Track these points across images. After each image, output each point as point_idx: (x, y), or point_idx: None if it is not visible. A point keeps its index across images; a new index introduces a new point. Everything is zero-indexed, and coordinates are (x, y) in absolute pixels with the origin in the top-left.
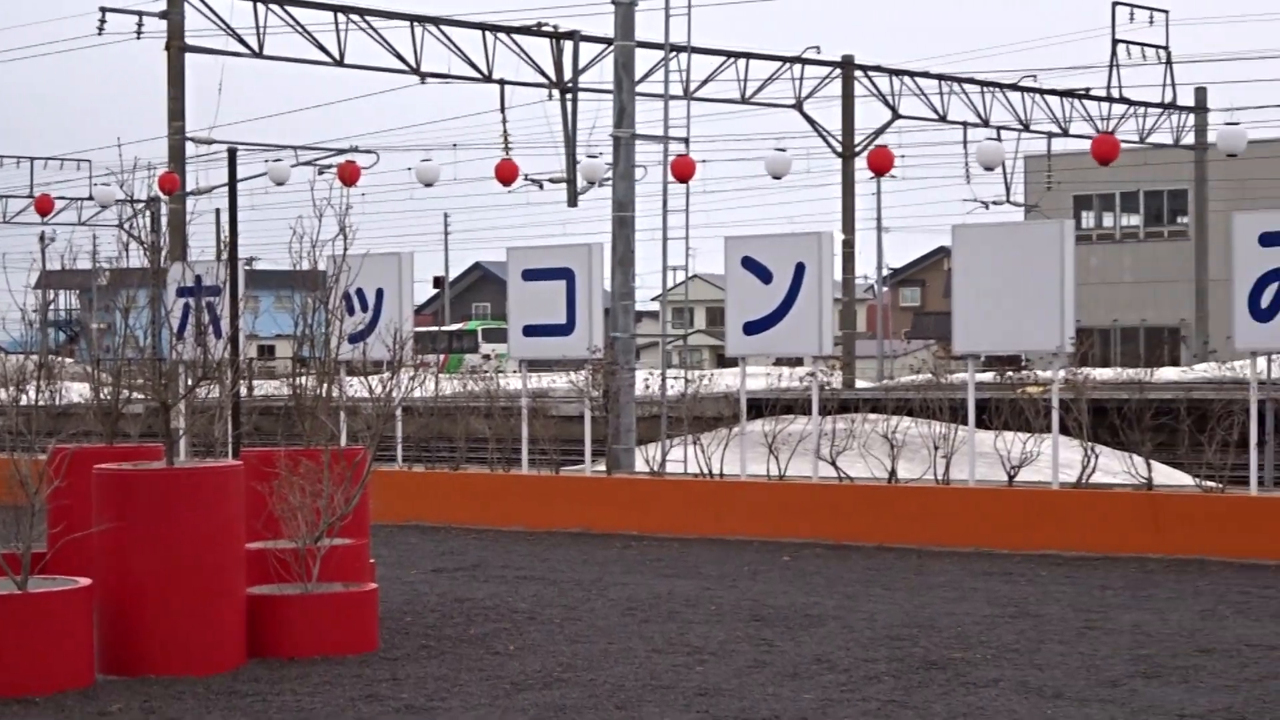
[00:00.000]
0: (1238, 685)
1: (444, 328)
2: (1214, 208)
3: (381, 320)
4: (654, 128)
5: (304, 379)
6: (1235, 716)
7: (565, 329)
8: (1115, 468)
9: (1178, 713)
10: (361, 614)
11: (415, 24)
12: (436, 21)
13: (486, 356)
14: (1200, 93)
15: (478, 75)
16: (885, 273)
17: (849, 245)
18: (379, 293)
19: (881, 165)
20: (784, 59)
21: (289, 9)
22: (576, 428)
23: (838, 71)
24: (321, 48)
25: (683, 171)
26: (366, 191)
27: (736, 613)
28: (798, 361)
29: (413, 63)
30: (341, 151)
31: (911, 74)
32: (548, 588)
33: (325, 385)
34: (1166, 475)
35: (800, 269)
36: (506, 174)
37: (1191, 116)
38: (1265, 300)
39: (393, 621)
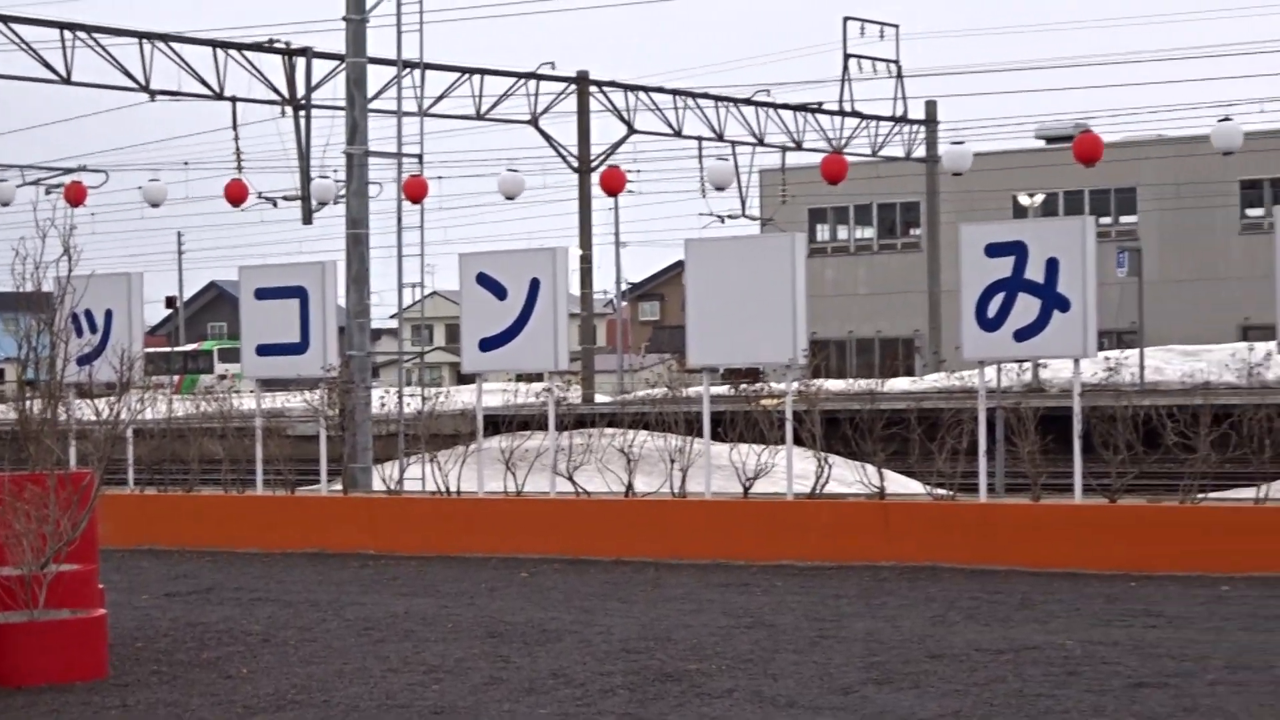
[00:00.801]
0: (966, 690)
1: (178, 348)
2: (945, 219)
3: (110, 341)
4: (389, 144)
5: (29, 402)
6: (955, 715)
7: (299, 348)
8: (849, 477)
9: (908, 718)
10: (90, 640)
11: (144, 41)
12: (166, 38)
13: (222, 376)
14: (930, 106)
15: (209, 93)
16: (624, 287)
17: (586, 260)
18: (108, 314)
19: (613, 185)
20: (519, 75)
21: (13, 26)
22: (313, 447)
23: (573, 87)
24: (48, 65)
25: (416, 189)
26: (96, 211)
27: (473, 630)
28: (538, 377)
29: (142, 80)
30: (69, 171)
31: (647, 89)
32: (282, 609)
33: (51, 408)
34: (899, 484)
35: (535, 285)
36: (236, 194)
37: (922, 130)
38: (992, 310)
39: (123, 648)
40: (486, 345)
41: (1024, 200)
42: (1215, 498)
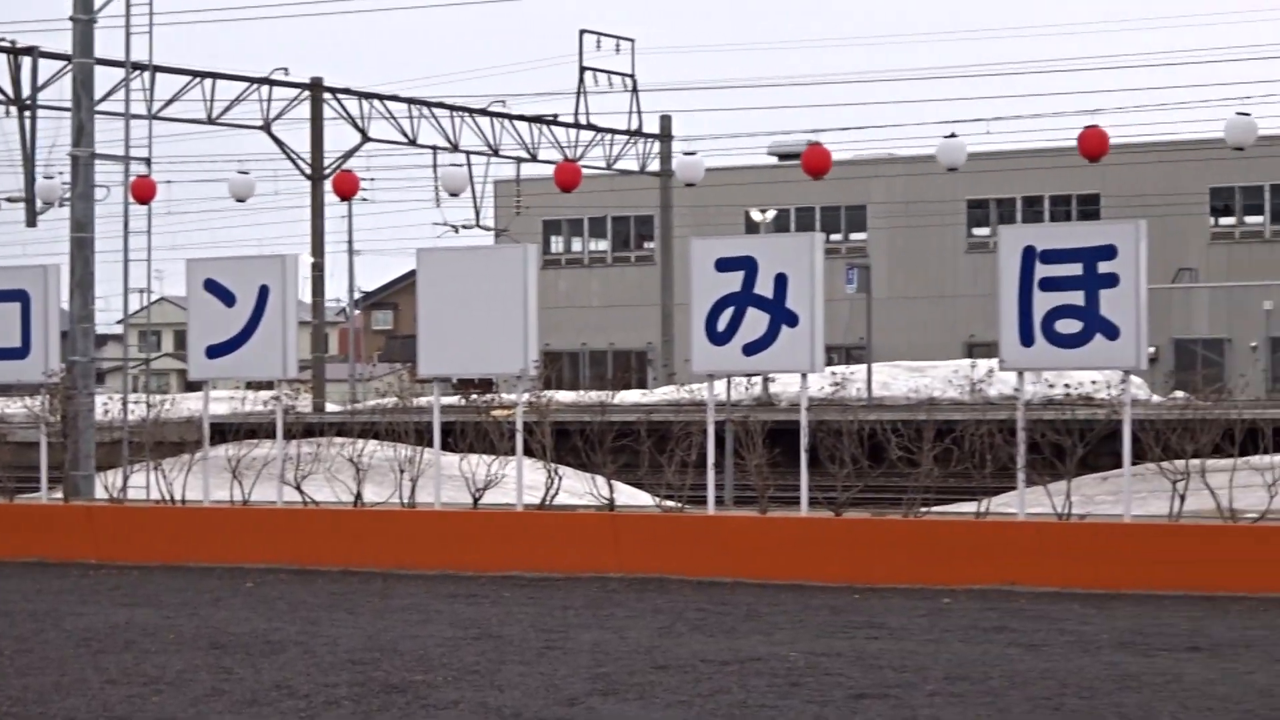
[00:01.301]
0: (691, 701)
1: None
2: (679, 233)
3: None
4: (116, 147)
5: None
6: None
7: (20, 352)
8: (579, 489)
9: None
10: None
11: None
12: None
13: None
14: (665, 120)
15: None
16: (357, 295)
17: (319, 268)
18: None
19: (346, 190)
20: (252, 80)
21: None
22: (34, 454)
23: (307, 93)
24: None
25: (143, 193)
26: None
27: (196, 641)
28: (268, 385)
29: None
30: None
31: (381, 97)
32: None
33: None
34: (629, 496)
35: (265, 291)
36: None
37: (657, 144)
38: (722, 324)
39: None
40: (214, 352)
41: (756, 216)
42: (938, 511)
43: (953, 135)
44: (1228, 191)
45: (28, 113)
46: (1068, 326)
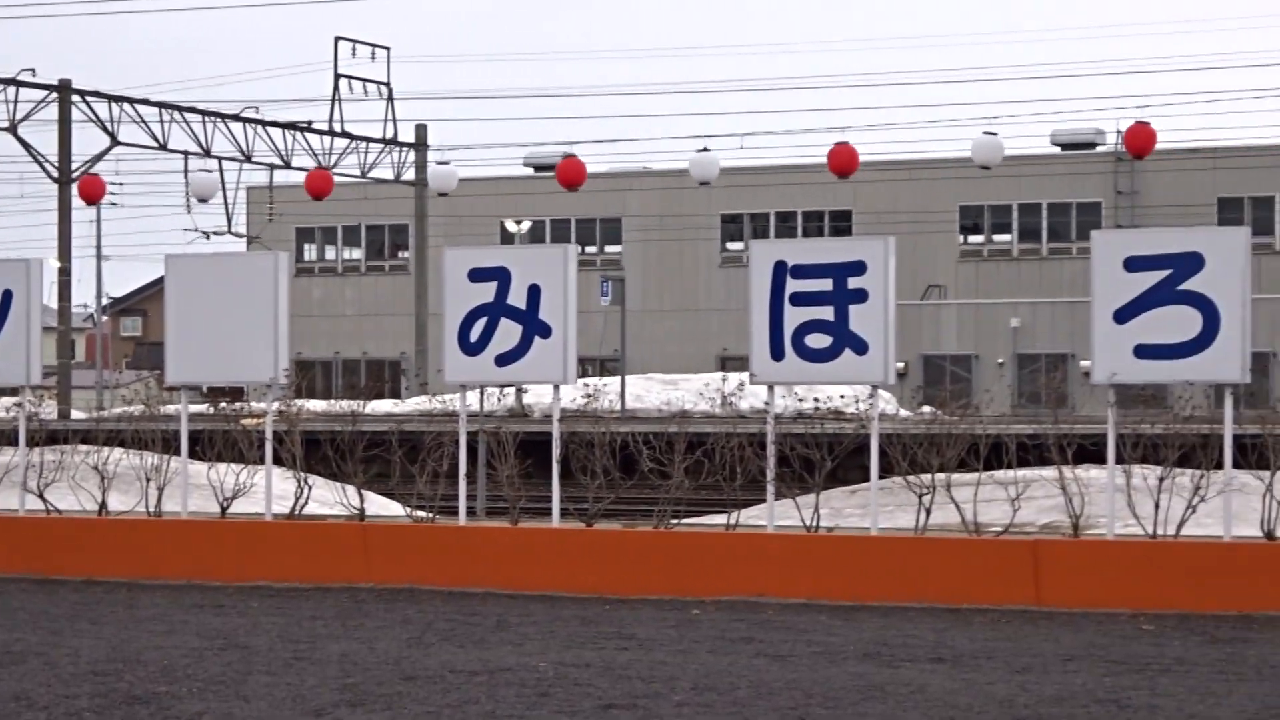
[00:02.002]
0: (439, 711)
1: None
2: (434, 243)
3: None
4: None
5: None
6: None
7: None
8: (329, 498)
9: None
10: None
11: None
12: None
13: None
14: (420, 129)
15: None
16: (105, 301)
17: (65, 272)
18: None
19: (92, 194)
20: None
21: None
22: None
23: (54, 95)
24: None
25: None
26: None
27: None
28: (11, 391)
29: None
30: None
31: (132, 100)
32: None
33: None
34: (380, 505)
35: (8, 296)
36: None
37: (412, 152)
38: (474, 335)
39: None
40: None
41: (511, 227)
42: (689, 523)
43: (705, 150)
44: (976, 210)
45: None
46: (818, 341)
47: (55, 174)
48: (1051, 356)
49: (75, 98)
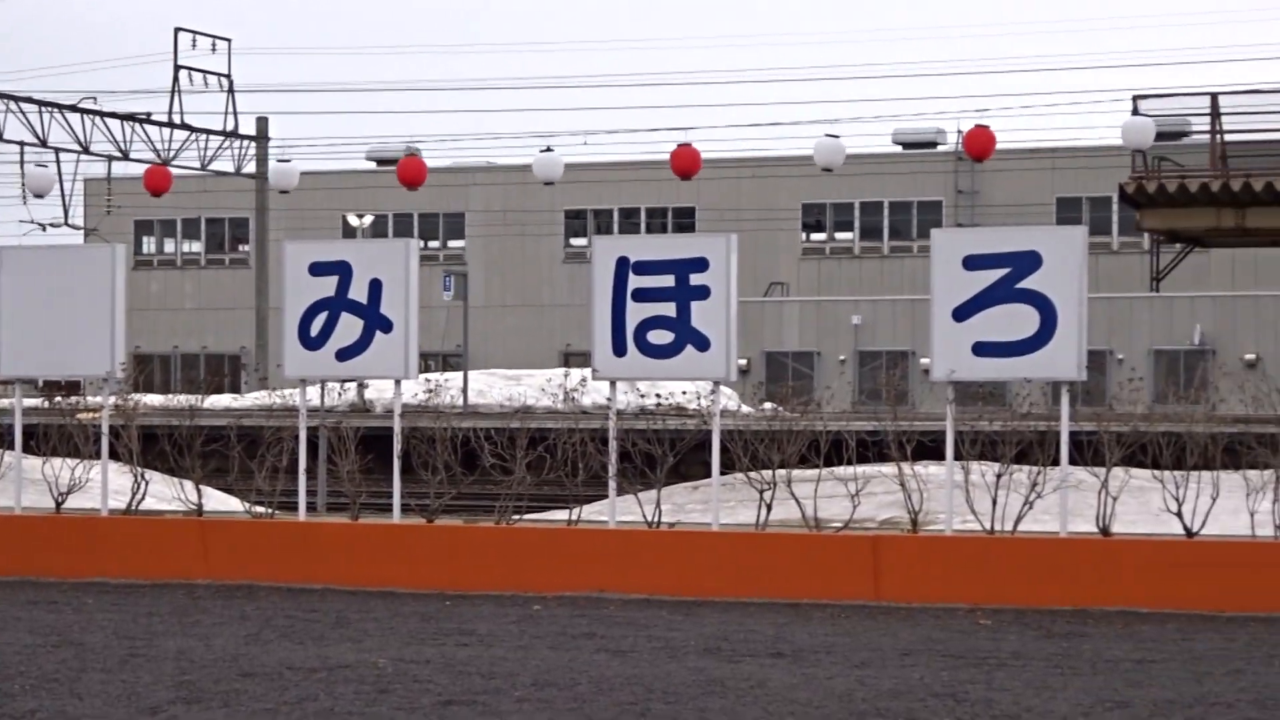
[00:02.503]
0: (278, 708)
1: None
2: (275, 236)
3: None
4: None
5: None
6: None
7: None
8: (167, 494)
9: None
10: None
11: None
12: None
13: None
14: (262, 122)
15: None
16: None
17: None
18: None
19: None
20: None
21: None
22: None
23: None
24: None
25: None
26: None
27: None
28: None
29: None
30: None
31: None
32: None
33: None
34: (219, 501)
35: None
36: None
37: (253, 145)
38: (315, 329)
39: None
40: None
41: (354, 220)
42: (530, 519)
43: (548, 149)
44: (819, 208)
45: None
46: (660, 337)
47: None
48: (892, 354)
49: None
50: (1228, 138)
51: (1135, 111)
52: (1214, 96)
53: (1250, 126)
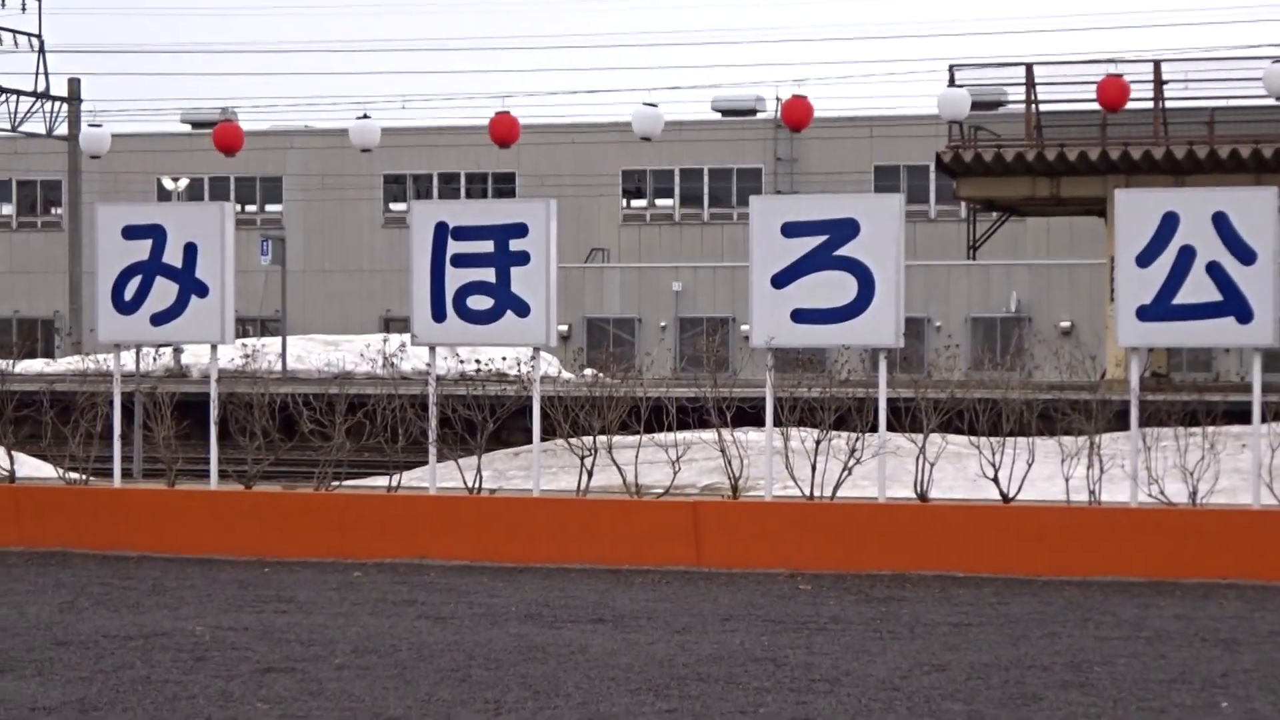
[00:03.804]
0: (93, 677)
1: None
2: (88, 199)
3: None
4: None
5: None
6: (89, 707)
7: None
8: None
9: (30, 706)
10: None
11: None
12: None
13: None
14: (74, 84)
15: None
16: None
17: None
18: None
19: None
20: None
21: None
22: None
23: None
24: None
25: None
26: None
27: None
28: None
29: None
30: None
31: None
32: None
33: None
34: (32, 468)
35: None
36: None
37: (65, 107)
38: (129, 293)
39: None
40: None
41: (169, 184)
42: (350, 485)
43: (365, 116)
44: (639, 174)
45: None
46: (480, 303)
47: None
48: (713, 320)
49: None
50: (1043, 108)
51: (952, 81)
52: (1029, 67)
53: (1065, 96)
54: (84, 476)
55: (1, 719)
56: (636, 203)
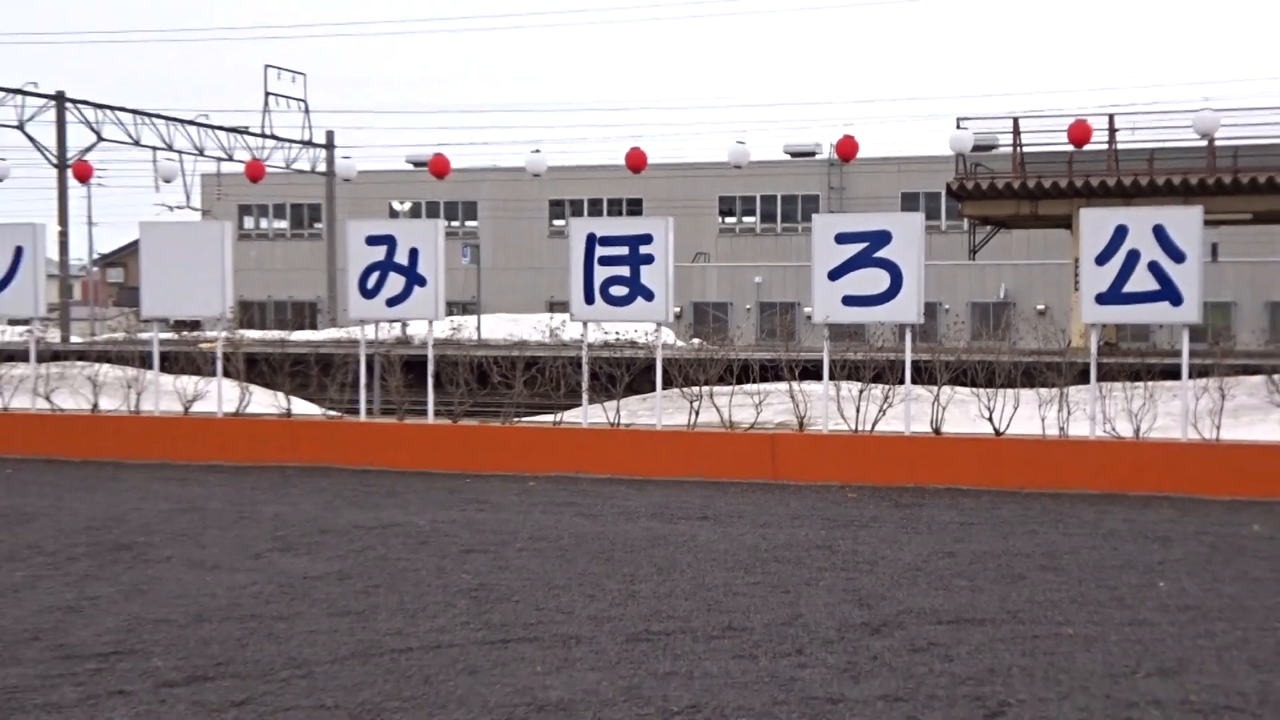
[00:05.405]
0: (346, 554)
1: None
2: (340, 217)
3: None
4: None
5: None
6: (343, 576)
7: None
8: (265, 401)
9: (303, 575)
10: None
11: None
12: None
13: None
14: (329, 134)
15: None
16: (95, 256)
17: (63, 235)
18: None
19: (83, 176)
20: (7, 90)
21: None
22: None
23: (52, 103)
24: None
25: None
26: None
27: None
28: (26, 321)
29: None
30: None
31: (112, 108)
32: None
33: None
34: (302, 407)
35: (19, 251)
36: None
37: (323, 151)
38: (370, 283)
39: None
40: None
41: (397, 206)
42: (526, 421)
43: (537, 151)
44: (731, 199)
45: None
46: (618, 291)
47: (54, 161)
48: (784, 304)
49: (69, 104)
50: (1025, 150)
51: (959, 127)
52: (1015, 120)
53: (1041, 142)
54: (339, 414)
55: (283, 584)
56: (729, 220)
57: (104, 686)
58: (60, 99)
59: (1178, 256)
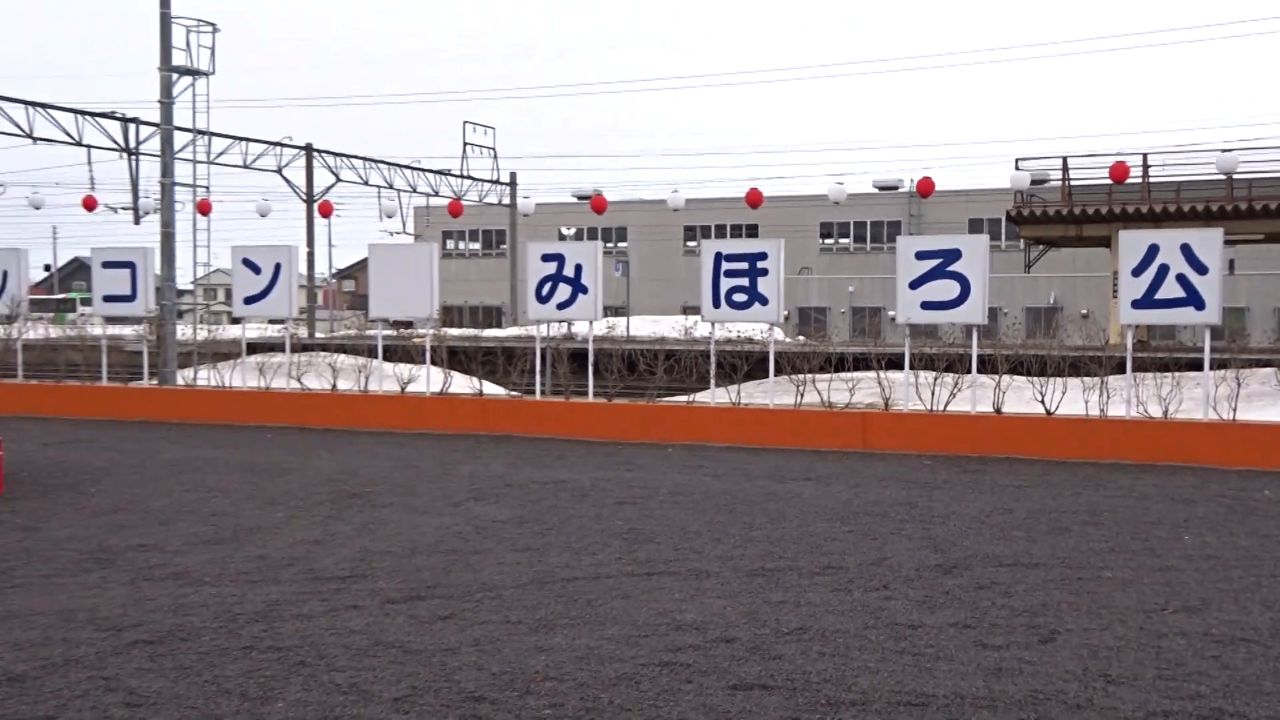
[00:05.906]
0: (525, 503)
1: (53, 296)
2: (521, 239)
3: (6, 292)
4: (189, 179)
5: None
6: (523, 520)
7: (130, 298)
8: (463, 383)
9: (492, 520)
10: None
11: (29, 106)
12: (42, 105)
13: (81, 315)
14: (513, 175)
15: (71, 140)
16: (334, 270)
17: (311, 255)
18: (3, 274)
19: (325, 210)
20: (269, 142)
21: None
22: (141, 358)
23: (303, 152)
24: None
25: (205, 207)
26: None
27: (236, 468)
28: (282, 321)
29: (27, 129)
30: None
31: (348, 156)
32: (119, 455)
33: None
34: (491, 389)
35: (278, 266)
36: (88, 204)
37: (508, 189)
38: (544, 292)
39: (13, 477)
40: (248, 301)
41: (565, 231)
42: (666, 400)
43: (676, 191)
44: (829, 225)
45: (134, 156)
46: (739, 297)
47: (304, 197)
48: (872, 308)
49: (315, 153)
50: (1072, 183)
51: (1017, 167)
52: (1064, 159)
53: (1086, 178)
54: (519, 394)
55: (477, 525)
56: (828, 240)
57: (342, 602)
58: (309, 150)
59: (1201, 270)
